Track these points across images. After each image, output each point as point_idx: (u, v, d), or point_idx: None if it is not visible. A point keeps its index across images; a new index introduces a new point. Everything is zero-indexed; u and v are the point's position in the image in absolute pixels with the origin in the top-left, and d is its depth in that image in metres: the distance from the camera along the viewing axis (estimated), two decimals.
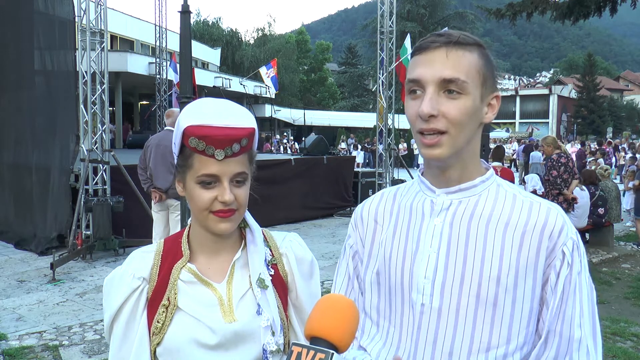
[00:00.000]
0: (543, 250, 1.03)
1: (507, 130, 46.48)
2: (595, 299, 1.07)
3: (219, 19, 51.52)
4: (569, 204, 6.98)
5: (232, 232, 1.19)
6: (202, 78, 21.37)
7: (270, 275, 1.19)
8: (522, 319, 1.03)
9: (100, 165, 7.53)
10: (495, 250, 1.04)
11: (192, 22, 9.18)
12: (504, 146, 12.82)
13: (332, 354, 0.82)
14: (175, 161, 1.17)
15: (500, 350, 1.02)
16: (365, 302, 1.18)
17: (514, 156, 23.40)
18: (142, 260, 1.19)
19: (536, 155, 16.38)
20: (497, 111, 1.10)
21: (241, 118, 1.12)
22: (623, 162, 19.03)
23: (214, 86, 21.83)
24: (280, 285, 1.21)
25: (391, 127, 11.68)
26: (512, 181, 6.68)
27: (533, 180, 9.62)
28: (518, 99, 52.12)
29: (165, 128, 6.21)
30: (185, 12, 7.92)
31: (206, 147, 1.07)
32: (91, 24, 7.57)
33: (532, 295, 1.03)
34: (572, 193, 7.02)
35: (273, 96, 27.36)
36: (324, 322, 0.86)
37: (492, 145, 8.72)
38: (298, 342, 0.85)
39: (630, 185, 9.29)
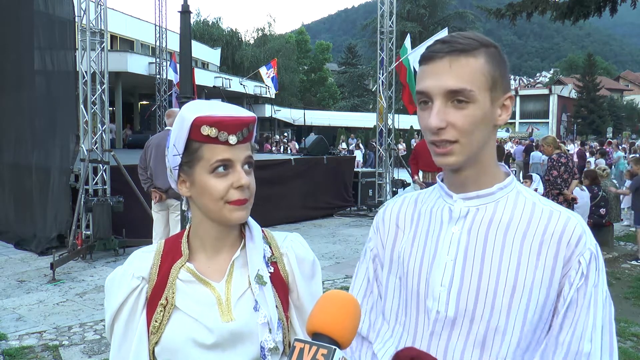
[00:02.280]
0: (560, 259, 1.01)
1: (507, 130, 46.48)
2: (612, 315, 1.04)
3: (219, 19, 51.53)
4: (568, 204, 6.99)
5: (234, 227, 1.19)
6: (202, 78, 21.36)
7: (270, 272, 1.19)
8: (535, 329, 1.02)
9: (100, 165, 7.53)
10: (512, 260, 1.03)
11: (192, 22, 9.16)
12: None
13: (335, 349, 0.82)
14: (178, 162, 1.15)
15: None
16: (386, 306, 1.18)
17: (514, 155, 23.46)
18: (142, 260, 1.19)
19: (536, 155, 16.37)
20: (511, 112, 1.08)
21: (241, 110, 1.15)
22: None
23: (214, 86, 21.82)
24: (281, 285, 1.21)
25: (391, 127, 11.68)
26: None
27: (537, 180, 9.61)
28: (518, 99, 52.14)
29: (166, 128, 6.22)
30: (185, 12, 7.92)
31: (219, 133, 1.09)
32: (91, 24, 7.57)
33: (544, 305, 1.02)
34: (572, 193, 7.03)
35: (273, 96, 27.36)
36: (325, 318, 0.87)
37: None
38: (300, 338, 0.86)
39: (626, 185, 9.26)
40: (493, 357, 1.02)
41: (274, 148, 24.14)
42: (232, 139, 1.10)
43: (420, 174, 8.67)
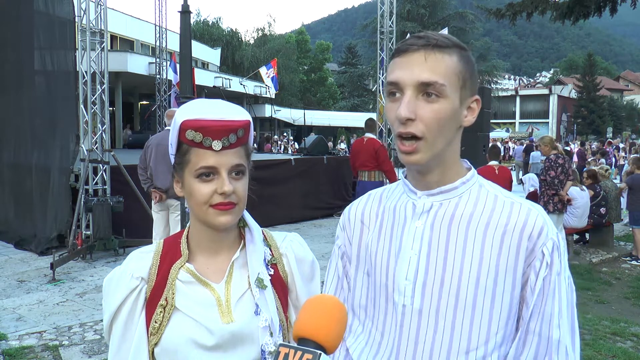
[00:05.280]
0: (523, 251, 1.04)
1: (507, 130, 46.48)
2: (574, 300, 1.08)
3: (219, 19, 51.50)
4: (563, 205, 7.01)
5: (231, 230, 1.18)
6: (202, 78, 21.36)
7: (270, 275, 1.19)
8: (501, 319, 1.04)
9: (100, 165, 7.53)
10: (475, 252, 1.05)
11: (192, 22, 9.16)
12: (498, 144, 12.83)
13: (320, 354, 0.81)
14: (173, 161, 1.17)
15: (479, 352, 1.04)
16: (355, 302, 1.20)
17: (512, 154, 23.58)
18: (140, 261, 1.18)
19: (536, 155, 16.37)
20: (477, 114, 1.10)
21: (236, 112, 1.13)
22: (623, 162, 19.08)
23: (214, 86, 21.84)
24: (280, 286, 1.21)
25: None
26: (510, 180, 6.69)
27: (532, 180, 9.61)
28: (518, 99, 52.17)
29: (166, 128, 6.22)
30: (185, 12, 7.92)
31: (203, 139, 1.08)
32: (91, 24, 7.56)
33: (511, 296, 1.04)
34: (568, 194, 7.05)
35: (273, 96, 27.37)
36: (311, 322, 0.86)
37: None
38: (285, 343, 0.85)
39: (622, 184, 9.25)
40: (463, 348, 1.04)
41: (274, 148, 24.14)
42: (217, 145, 1.09)
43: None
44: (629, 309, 5.58)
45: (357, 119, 38.03)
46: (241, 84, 23.62)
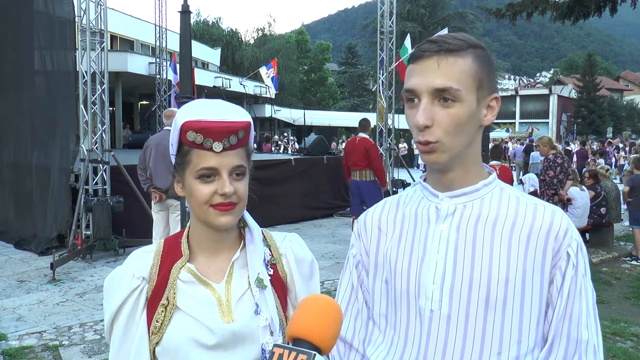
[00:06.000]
0: (549, 251, 1.04)
1: (507, 130, 46.47)
2: (595, 300, 1.09)
3: (219, 19, 51.51)
4: (563, 205, 7.02)
5: (231, 230, 1.19)
6: (202, 78, 21.36)
7: (270, 275, 1.19)
8: (532, 320, 1.04)
9: (100, 165, 7.53)
10: (503, 253, 1.04)
11: (192, 22, 9.15)
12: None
13: (314, 355, 0.81)
14: (173, 161, 1.18)
15: (512, 353, 1.03)
16: (374, 311, 1.19)
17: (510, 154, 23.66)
18: (141, 260, 1.19)
19: (536, 155, 16.37)
20: (497, 112, 1.10)
21: (236, 113, 1.14)
22: (623, 162, 19.09)
23: (214, 86, 21.85)
24: (280, 286, 1.21)
25: (391, 127, 11.68)
26: (511, 179, 6.71)
27: (531, 179, 9.61)
28: (518, 99, 52.13)
29: (165, 128, 6.21)
30: (185, 12, 7.91)
31: (204, 140, 1.09)
32: (91, 24, 7.57)
33: (540, 296, 1.04)
34: (568, 194, 7.06)
35: (273, 96, 27.35)
36: (305, 322, 0.85)
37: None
38: (279, 344, 0.84)
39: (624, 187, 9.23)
40: (495, 350, 1.03)
41: (274, 148, 24.13)
42: (217, 147, 1.09)
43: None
44: (629, 309, 5.58)
45: (357, 119, 37.89)
46: (241, 84, 23.61)
